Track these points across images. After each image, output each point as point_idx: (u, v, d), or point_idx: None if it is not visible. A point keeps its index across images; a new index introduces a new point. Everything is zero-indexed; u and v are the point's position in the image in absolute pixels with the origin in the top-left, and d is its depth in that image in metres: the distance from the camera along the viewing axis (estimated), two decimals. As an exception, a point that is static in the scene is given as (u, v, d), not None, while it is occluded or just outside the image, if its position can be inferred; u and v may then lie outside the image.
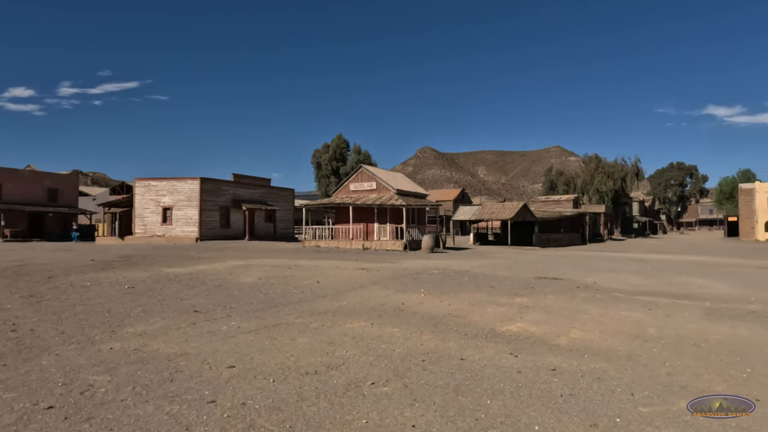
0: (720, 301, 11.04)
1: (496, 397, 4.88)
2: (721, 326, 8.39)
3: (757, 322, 8.81)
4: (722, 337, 7.62)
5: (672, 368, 5.96)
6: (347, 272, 15.62)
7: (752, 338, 7.56)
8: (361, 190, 32.58)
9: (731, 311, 9.81)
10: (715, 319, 9.03)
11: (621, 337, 7.50)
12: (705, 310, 9.88)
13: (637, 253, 30.98)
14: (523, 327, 8.10)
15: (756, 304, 10.71)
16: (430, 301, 10.61)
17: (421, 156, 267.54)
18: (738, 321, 8.85)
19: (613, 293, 12.07)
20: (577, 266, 20.06)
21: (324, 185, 75.47)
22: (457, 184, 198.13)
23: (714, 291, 12.84)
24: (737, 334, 7.80)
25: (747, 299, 11.42)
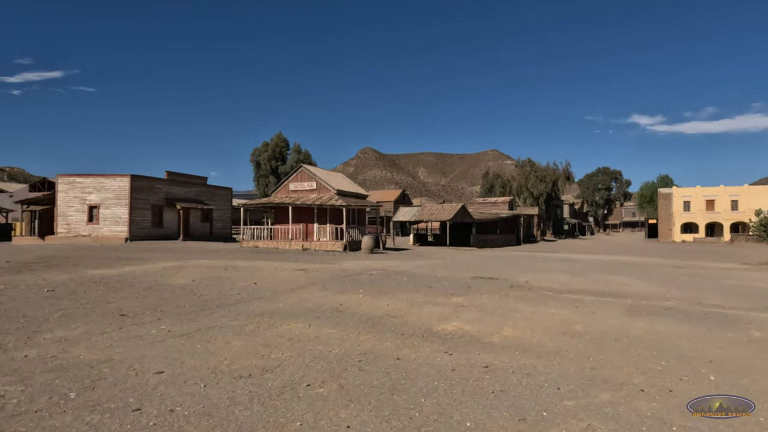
0: (640, 299, 11.77)
1: (430, 396, 4.96)
2: (640, 322, 8.94)
3: (671, 317, 9.45)
4: (641, 332, 8.11)
5: (595, 362, 6.28)
6: (286, 273, 15.38)
7: (667, 333, 8.10)
8: (300, 190, 32.20)
9: (649, 308, 10.47)
10: (635, 315, 9.61)
11: (550, 334, 7.83)
12: (626, 307, 10.49)
13: (567, 254, 32.48)
14: (458, 326, 8.28)
15: (671, 301, 11.49)
16: (368, 301, 10.63)
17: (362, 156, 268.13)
18: (655, 317, 9.46)
19: (544, 292, 12.58)
20: (512, 266, 20.76)
21: (263, 185, 74.00)
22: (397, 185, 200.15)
23: (635, 289, 13.67)
24: (654, 330, 8.34)
25: (663, 296, 12.24)
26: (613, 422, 4.38)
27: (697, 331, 8.21)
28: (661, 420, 4.45)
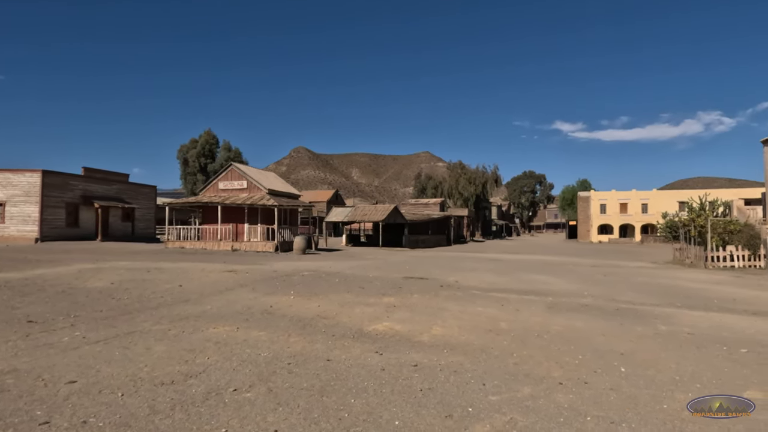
0: (560, 296, 12.41)
1: (359, 396, 4.97)
2: (560, 318, 9.42)
3: (588, 313, 10.04)
4: (561, 328, 8.56)
5: (519, 358, 6.55)
6: (213, 275, 14.88)
7: (584, 328, 8.60)
8: (231, 189, 31.29)
9: (568, 305, 11.07)
10: (555, 312, 10.11)
11: (477, 332, 8.08)
12: (548, 305, 11.02)
13: (494, 254, 33.68)
14: (389, 326, 8.36)
15: (588, 298, 12.21)
16: (299, 303, 10.50)
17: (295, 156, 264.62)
18: (573, 313, 10.01)
19: (472, 291, 12.97)
20: (442, 266, 21.24)
21: (191, 183, 71.19)
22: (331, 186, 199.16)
23: (555, 287, 14.39)
24: (572, 325, 8.82)
25: (581, 294, 12.98)
26: (533, 415, 4.59)
27: (611, 327, 8.76)
28: (576, 411, 4.71)
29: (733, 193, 55.66)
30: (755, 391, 5.34)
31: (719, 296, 13.11)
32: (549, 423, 4.41)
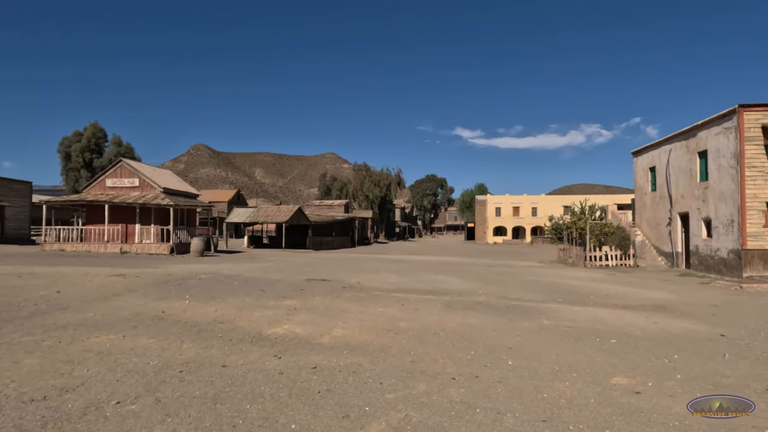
0: (457, 295, 12.97)
1: (256, 401, 4.85)
2: (456, 316, 9.85)
3: (482, 311, 10.59)
4: (456, 325, 8.94)
5: (416, 356, 6.75)
6: (98, 279, 13.77)
7: (478, 325, 9.06)
8: (120, 187, 29.13)
9: (464, 303, 11.60)
10: (452, 310, 10.56)
11: (377, 332, 8.21)
12: (445, 303, 11.47)
13: (397, 255, 34.44)
14: (289, 329, 8.25)
15: (482, 296, 12.88)
16: (195, 307, 10.03)
17: (194, 153, 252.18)
18: (468, 311, 10.51)
19: (374, 292, 13.16)
20: (345, 268, 21.32)
21: (73, 180, 65.16)
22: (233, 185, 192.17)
23: (453, 286, 15.02)
24: (467, 323, 9.25)
25: (476, 292, 13.66)
26: (427, 410, 4.76)
27: (501, 322, 9.31)
28: (467, 404, 4.96)
29: (608, 199, 61.49)
30: (621, 378, 5.95)
31: (595, 292, 14.42)
32: (441, 417, 4.60)
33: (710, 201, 20.93)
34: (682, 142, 23.38)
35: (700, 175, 21.97)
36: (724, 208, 19.90)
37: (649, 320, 9.85)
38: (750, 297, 14.15)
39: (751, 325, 9.46)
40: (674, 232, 24.33)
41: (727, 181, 19.62)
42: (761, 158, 18.64)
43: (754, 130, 18.67)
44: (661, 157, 25.79)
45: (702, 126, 21.56)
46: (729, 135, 19.42)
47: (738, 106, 18.91)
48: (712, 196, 20.80)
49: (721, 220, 20.08)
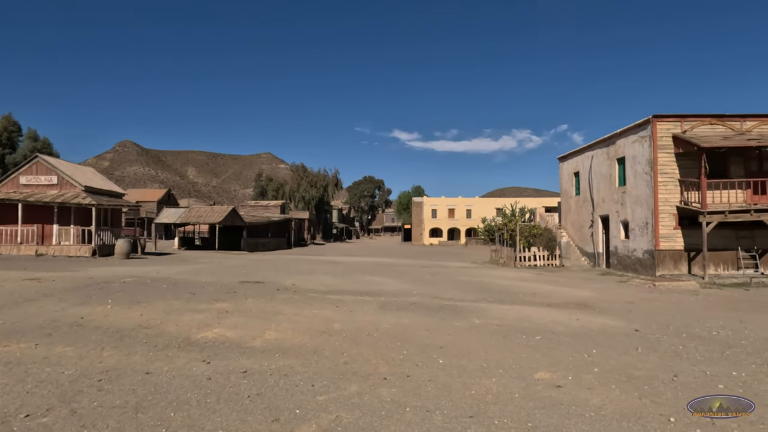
0: (391, 296, 13.10)
1: (181, 409, 4.69)
2: (391, 317, 9.95)
3: (415, 311, 10.76)
4: (390, 326, 9.04)
5: (349, 357, 6.77)
6: (10, 284, 12.79)
7: (411, 325, 9.19)
8: (36, 185, 27.18)
9: (398, 303, 11.74)
10: (386, 311, 10.65)
11: (310, 334, 8.15)
12: (380, 304, 11.56)
13: (334, 256, 34.31)
14: (220, 332, 8.02)
15: (416, 297, 13.09)
16: (118, 312, 9.53)
17: (120, 151, 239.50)
18: (402, 311, 10.64)
19: (309, 293, 13.05)
20: (281, 269, 21.00)
21: (-18, 176, 59.98)
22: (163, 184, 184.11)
23: (388, 287, 15.16)
24: (401, 323, 9.37)
25: (411, 293, 13.86)
26: (358, 410, 4.78)
27: (434, 322, 9.51)
28: (398, 403, 5.03)
29: (537, 202, 64.23)
30: (544, 373, 6.24)
31: (524, 291, 15.02)
32: (372, 417, 4.64)
33: (628, 205, 22.37)
34: (603, 149, 24.85)
35: (619, 181, 23.43)
36: (640, 212, 21.33)
37: (572, 317, 10.39)
38: (662, 294, 15.24)
39: (661, 321, 10.19)
40: (596, 234, 25.79)
41: (642, 186, 21.05)
42: (672, 165, 20.14)
43: (665, 139, 20.15)
44: (584, 162, 27.27)
45: (620, 134, 23.01)
46: (644, 143, 20.86)
47: (652, 116, 20.34)
48: (629, 200, 22.24)
49: (637, 223, 21.51)
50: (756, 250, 19.98)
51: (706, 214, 18.30)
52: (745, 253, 19.97)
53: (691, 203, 19.35)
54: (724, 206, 18.58)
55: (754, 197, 19.14)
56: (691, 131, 20.05)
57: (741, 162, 20.30)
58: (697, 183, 19.00)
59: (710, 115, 20.44)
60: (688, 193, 19.70)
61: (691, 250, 19.86)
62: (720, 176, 19.51)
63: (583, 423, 4.60)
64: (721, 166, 19.97)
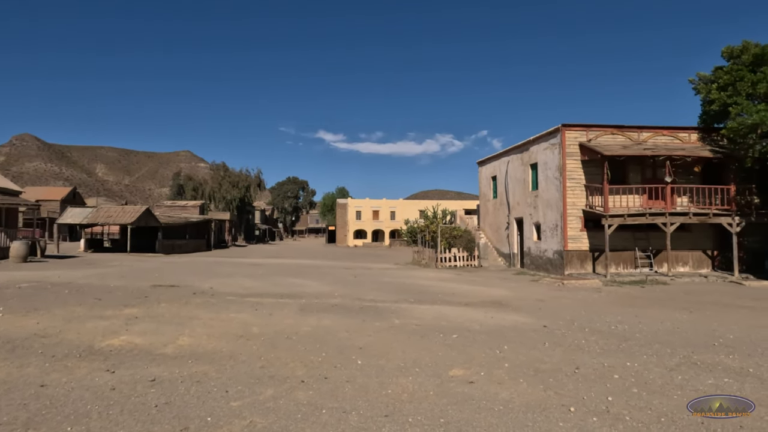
0: (313, 298, 13.00)
1: (79, 422, 4.38)
2: (311, 319, 9.87)
3: (337, 313, 10.75)
4: (310, 328, 8.96)
5: (266, 361, 6.63)
6: None
7: (332, 327, 9.17)
8: None
9: (320, 305, 11.67)
10: (307, 313, 10.56)
11: (227, 339, 7.91)
12: (301, 306, 11.44)
13: (255, 258, 33.48)
14: (127, 340, 7.58)
15: (338, 298, 13.07)
16: (10, 321, 8.74)
17: (18, 144, 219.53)
18: (323, 313, 10.59)
19: (227, 297, 12.66)
20: (198, 272, 20.20)
21: None
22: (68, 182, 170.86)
23: (310, 289, 15.03)
24: (321, 325, 9.32)
25: (332, 295, 13.83)
26: (272, 415, 4.70)
27: (354, 323, 9.54)
28: (314, 406, 5.00)
29: (459, 204, 66.28)
30: (458, 370, 6.45)
31: (443, 291, 15.45)
32: (287, 421, 4.58)
33: (540, 208, 23.66)
34: (518, 154, 26.13)
35: (532, 185, 24.73)
36: (550, 215, 22.64)
37: (487, 315, 10.82)
38: (569, 292, 16.26)
39: (567, 317, 10.87)
40: (511, 236, 27.05)
41: (552, 190, 22.35)
42: (579, 171, 21.56)
43: (573, 146, 21.54)
44: (501, 167, 28.53)
45: (533, 141, 24.31)
46: (554, 150, 22.18)
47: (561, 125, 21.67)
48: (541, 204, 23.54)
49: (548, 225, 22.82)
50: (651, 250, 21.83)
51: (608, 217, 19.75)
52: (642, 253, 21.76)
53: (595, 207, 20.80)
54: (623, 210, 20.15)
55: (649, 202, 20.90)
56: (595, 140, 21.58)
57: (638, 169, 22.11)
58: (600, 188, 20.46)
59: (612, 126, 22.09)
60: (592, 198, 21.17)
61: (596, 250, 21.34)
62: (620, 182, 21.13)
63: (491, 416, 4.81)
64: (621, 173, 21.63)
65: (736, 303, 13.76)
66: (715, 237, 22.14)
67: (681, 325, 9.99)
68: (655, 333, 9.11)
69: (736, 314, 11.72)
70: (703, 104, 22.13)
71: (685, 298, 14.57)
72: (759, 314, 11.78)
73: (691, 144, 21.98)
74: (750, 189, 20.75)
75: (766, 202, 20.87)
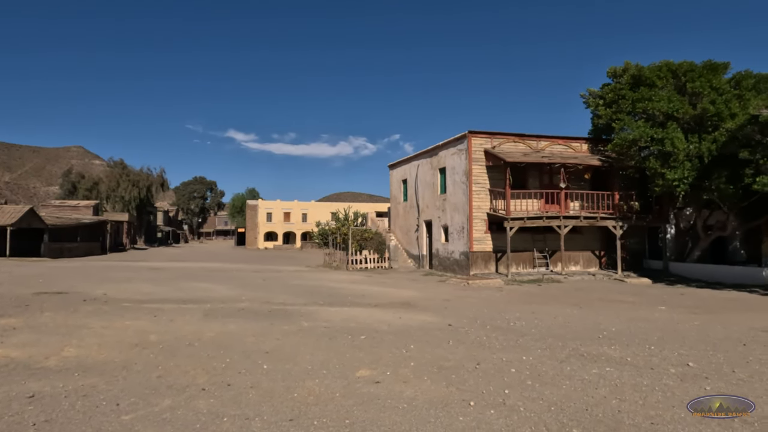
0: (219, 302, 12.51)
1: (-62, 448, 3.89)
2: (215, 324, 9.49)
3: (243, 317, 10.42)
4: (214, 334, 8.61)
5: (164, 370, 6.28)
6: None
7: (237, 332, 8.87)
8: None
9: (226, 310, 11.25)
10: (211, 318, 10.13)
11: (120, 348, 7.39)
12: (205, 312, 10.96)
13: (157, 262, 31.61)
14: (2, 353, 6.84)
15: (245, 302, 12.68)
16: None
17: None
18: (229, 318, 10.22)
19: (123, 303, 11.83)
20: (91, 277, 18.70)
21: None
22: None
23: (216, 294, 14.45)
24: (226, 330, 8.99)
25: (240, 299, 13.39)
26: (169, 426, 4.46)
27: (262, 327, 9.31)
28: (215, 414, 4.80)
29: (371, 207, 66.93)
30: (365, 370, 6.50)
31: (353, 293, 15.51)
32: (185, 431, 4.36)
33: (448, 211, 24.52)
34: (428, 159, 26.92)
35: (441, 189, 25.57)
36: (457, 217, 23.53)
37: (395, 316, 11.01)
38: (474, 291, 16.98)
39: (471, 315, 11.34)
40: (421, 237, 27.78)
41: (459, 194, 23.26)
42: (484, 176, 22.63)
43: (479, 152, 22.57)
44: (411, 171, 29.22)
45: (442, 146, 25.16)
46: (461, 156, 23.10)
47: (468, 132, 22.63)
48: (449, 207, 24.40)
49: (456, 227, 23.70)
50: (547, 251, 23.38)
51: (510, 220, 20.89)
52: (539, 254, 23.25)
53: (498, 210, 21.93)
54: (524, 213, 21.41)
55: (546, 206, 22.39)
56: (499, 147, 22.75)
57: (537, 175, 23.61)
58: (503, 193, 21.61)
59: (514, 134, 23.42)
60: (496, 202, 22.31)
61: (499, 251, 22.48)
62: (521, 187, 22.44)
63: (396, 414, 4.89)
64: (522, 178, 22.97)
65: (619, 298, 15.11)
66: (602, 239, 24.15)
67: (571, 320, 10.79)
68: (549, 328, 9.76)
69: (618, 308, 12.88)
70: (593, 117, 24.16)
71: (576, 295, 15.76)
72: (637, 308, 13.02)
73: (583, 153, 23.85)
74: (631, 195, 22.89)
75: (645, 208, 23.14)
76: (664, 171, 19.34)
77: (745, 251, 24.78)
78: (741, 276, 19.80)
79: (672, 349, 7.89)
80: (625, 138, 20.51)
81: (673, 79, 21.12)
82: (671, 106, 19.72)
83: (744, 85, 20.51)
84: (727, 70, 21.34)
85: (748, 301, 14.79)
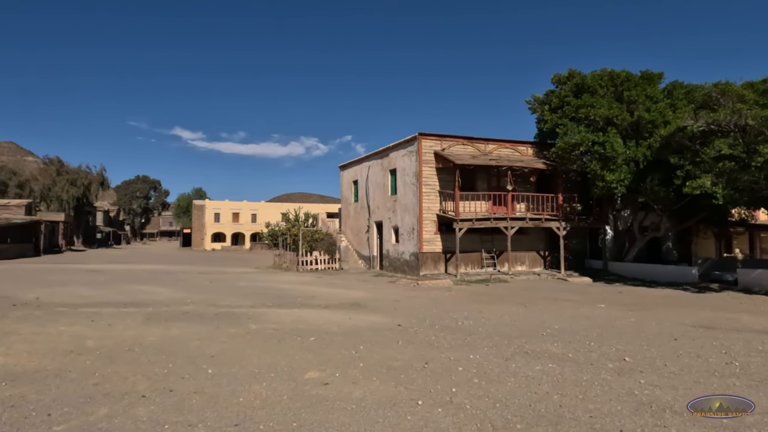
0: (162, 306, 12.07)
1: None
2: (158, 329, 9.14)
3: (188, 321, 10.10)
4: (156, 338, 8.30)
5: (101, 377, 5.99)
6: None
7: (181, 336, 8.59)
8: None
9: (169, 314, 10.87)
10: (153, 322, 9.76)
11: (53, 355, 7.00)
12: (147, 315, 10.54)
13: (96, 264, 30.17)
14: None
15: (190, 305, 12.30)
16: None
17: None
18: (173, 322, 9.88)
19: (57, 308, 11.22)
20: (22, 281, 17.64)
21: None
22: None
23: (159, 297, 13.93)
24: (169, 334, 8.68)
25: (184, 301, 12.97)
26: (105, 436, 4.25)
27: (207, 331, 9.05)
28: (156, 421, 4.62)
29: (322, 208, 66.47)
30: (314, 372, 6.44)
31: (303, 294, 15.34)
32: (122, 441, 4.18)
33: (398, 212, 24.68)
34: (379, 160, 27.00)
35: (391, 190, 25.71)
36: (408, 218, 23.73)
37: (345, 317, 10.97)
38: (423, 291, 17.16)
39: (420, 315, 11.45)
40: (371, 238, 27.82)
41: (410, 195, 23.46)
42: (434, 178, 22.93)
43: (429, 155, 22.85)
44: (362, 172, 29.22)
45: (393, 148, 25.31)
46: (412, 157, 23.31)
47: (418, 134, 22.87)
48: (399, 208, 24.57)
49: (406, 228, 23.89)
50: (495, 251, 23.95)
51: (459, 221, 21.26)
52: (487, 254, 23.78)
53: (448, 212, 22.27)
54: (472, 215, 21.84)
55: (494, 208, 22.93)
56: (449, 149, 23.11)
57: (485, 178, 24.15)
58: (452, 194, 21.96)
59: (463, 137, 23.85)
60: (446, 203, 22.64)
61: (448, 252, 22.83)
62: (470, 189, 22.88)
63: (344, 416, 4.87)
64: (471, 180, 23.43)
65: (562, 297, 15.67)
66: (546, 239, 24.97)
67: (517, 319, 11.09)
68: (496, 326, 9.99)
69: (562, 307, 13.35)
70: (538, 122, 24.98)
71: (522, 294, 16.22)
72: (579, 306, 13.54)
73: (529, 157, 24.58)
74: (574, 198, 23.80)
75: (586, 210, 24.13)
76: (603, 173, 20.24)
77: (677, 251, 26.33)
78: (673, 274, 21.01)
79: (610, 345, 8.25)
80: (568, 142, 21.32)
81: (613, 87, 22.13)
82: (611, 113, 20.65)
83: (676, 94, 21.76)
84: (661, 80, 22.61)
85: (679, 298, 15.68)
